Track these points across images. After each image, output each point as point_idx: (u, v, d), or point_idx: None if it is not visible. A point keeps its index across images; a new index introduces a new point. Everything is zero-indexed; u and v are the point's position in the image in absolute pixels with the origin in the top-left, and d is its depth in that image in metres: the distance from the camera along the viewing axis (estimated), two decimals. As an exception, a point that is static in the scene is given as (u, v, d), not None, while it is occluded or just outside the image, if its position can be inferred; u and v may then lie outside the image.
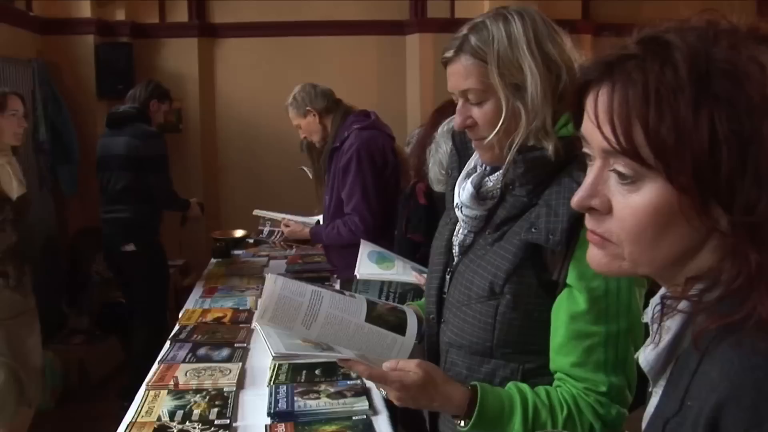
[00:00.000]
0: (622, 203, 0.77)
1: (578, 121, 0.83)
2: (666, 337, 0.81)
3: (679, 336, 0.80)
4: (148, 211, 4.35)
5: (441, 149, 2.44)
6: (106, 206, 4.35)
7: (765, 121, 0.71)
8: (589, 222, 0.83)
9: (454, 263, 1.51)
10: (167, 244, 4.66)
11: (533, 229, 1.30)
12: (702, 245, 0.77)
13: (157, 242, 4.51)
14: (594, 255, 0.84)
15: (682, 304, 0.78)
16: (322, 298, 1.47)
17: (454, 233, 1.53)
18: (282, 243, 4.04)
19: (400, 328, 1.50)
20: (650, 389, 0.88)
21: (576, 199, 0.81)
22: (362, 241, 2.55)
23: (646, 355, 0.84)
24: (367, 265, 2.40)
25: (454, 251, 1.53)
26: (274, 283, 1.48)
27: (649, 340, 0.85)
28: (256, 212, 3.89)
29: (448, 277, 1.52)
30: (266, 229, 3.97)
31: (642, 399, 1.45)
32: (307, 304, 1.46)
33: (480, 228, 1.45)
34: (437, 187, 2.57)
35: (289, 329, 1.44)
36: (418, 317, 1.58)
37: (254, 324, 1.46)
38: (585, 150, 0.83)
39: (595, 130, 0.78)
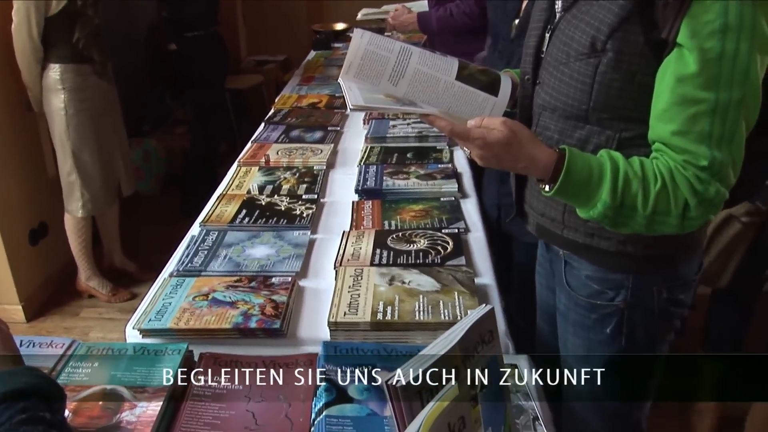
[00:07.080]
0: None
1: None
2: None
3: None
4: None
5: None
6: None
7: None
8: None
9: (556, 20, 1.36)
10: (270, 41, 4.54)
11: None
12: None
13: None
14: None
15: None
16: (410, 54, 1.37)
17: None
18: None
19: (492, 88, 1.37)
20: None
21: None
22: None
23: None
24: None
25: (556, 7, 1.37)
26: (360, 37, 1.37)
27: None
28: None
29: (547, 35, 1.38)
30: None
31: (746, 194, 1.30)
32: (395, 60, 1.36)
33: None
34: None
35: (375, 85, 1.36)
36: (512, 81, 1.45)
37: (339, 79, 1.37)
38: None
39: None
